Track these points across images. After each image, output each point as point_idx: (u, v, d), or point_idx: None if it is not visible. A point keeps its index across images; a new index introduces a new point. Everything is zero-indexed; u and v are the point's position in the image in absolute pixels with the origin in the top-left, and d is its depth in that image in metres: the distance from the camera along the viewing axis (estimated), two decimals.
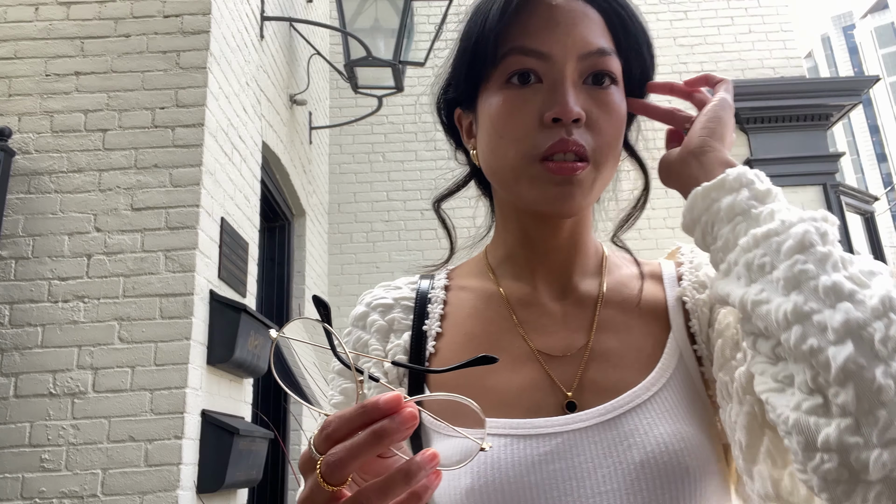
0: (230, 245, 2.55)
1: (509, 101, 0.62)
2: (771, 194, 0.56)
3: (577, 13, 0.63)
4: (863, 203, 5.41)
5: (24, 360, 2.12)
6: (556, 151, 0.60)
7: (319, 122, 4.64)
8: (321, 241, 4.64)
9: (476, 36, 0.64)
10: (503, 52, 0.62)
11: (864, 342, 0.45)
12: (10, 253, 2.22)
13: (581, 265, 0.71)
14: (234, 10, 2.80)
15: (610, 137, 0.63)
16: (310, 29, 4.23)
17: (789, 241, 0.51)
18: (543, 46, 0.61)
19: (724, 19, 5.41)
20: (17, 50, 2.41)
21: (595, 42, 0.62)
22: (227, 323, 2.32)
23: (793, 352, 0.48)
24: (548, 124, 0.61)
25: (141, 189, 2.29)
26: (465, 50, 0.66)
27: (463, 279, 0.75)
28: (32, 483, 2.02)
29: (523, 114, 0.62)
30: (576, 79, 0.62)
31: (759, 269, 0.52)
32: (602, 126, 0.62)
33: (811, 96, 5.08)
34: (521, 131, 0.62)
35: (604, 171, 0.64)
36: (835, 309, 0.46)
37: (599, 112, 0.62)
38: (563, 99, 0.60)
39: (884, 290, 0.47)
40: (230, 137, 2.65)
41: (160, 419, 2.08)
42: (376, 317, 0.71)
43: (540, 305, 0.69)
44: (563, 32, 0.62)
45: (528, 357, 0.65)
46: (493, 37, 0.62)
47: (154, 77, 2.40)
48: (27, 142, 2.32)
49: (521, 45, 0.62)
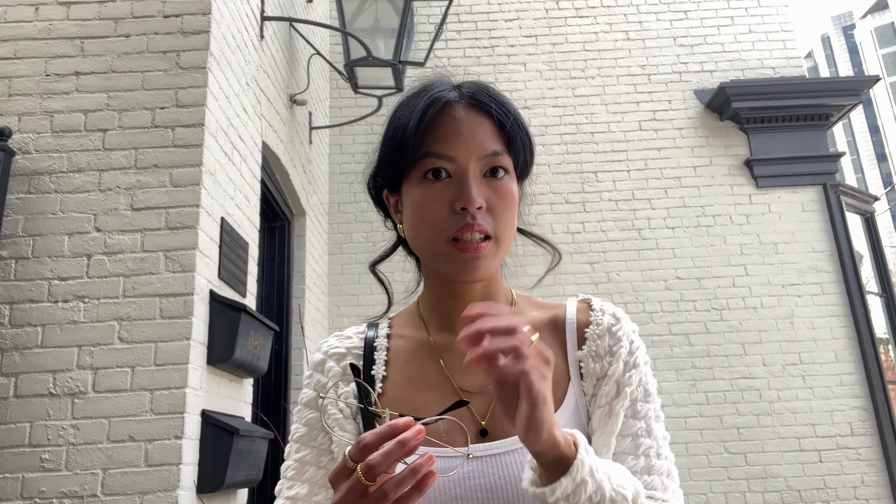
0: (230, 245, 2.55)
1: (426, 193, 0.79)
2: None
3: (475, 123, 0.80)
4: (863, 203, 5.41)
5: (24, 360, 2.12)
6: (464, 232, 0.76)
7: (319, 122, 4.64)
8: (321, 241, 4.64)
9: (398, 142, 0.80)
10: (419, 155, 0.79)
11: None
12: (10, 253, 2.22)
13: None
14: (234, 10, 2.80)
15: (507, 218, 0.79)
16: (310, 29, 4.23)
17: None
18: (451, 151, 0.78)
19: (724, 19, 5.40)
20: (17, 50, 2.41)
21: (490, 146, 0.79)
22: (227, 323, 2.32)
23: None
24: (457, 211, 0.77)
25: (141, 189, 2.29)
26: (388, 152, 0.83)
27: (401, 328, 0.91)
28: (32, 483, 2.02)
29: (438, 203, 0.78)
30: (477, 174, 0.78)
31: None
32: (499, 210, 0.79)
33: (811, 96, 5.08)
34: (437, 217, 0.78)
35: (503, 244, 0.80)
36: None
37: (497, 199, 0.79)
38: (469, 193, 0.76)
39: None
40: (230, 137, 2.65)
41: (160, 419, 2.08)
42: (332, 364, 0.87)
43: (460, 351, 0.78)
44: (465, 139, 0.78)
45: (453, 394, 0.81)
46: (411, 144, 0.78)
47: (154, 77, 2.40)
48: (27, 142, 2.32)
49: (434, 150, 0.78)
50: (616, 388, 0.79)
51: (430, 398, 0.80)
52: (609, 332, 0.83)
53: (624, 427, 0.79)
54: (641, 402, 0.81)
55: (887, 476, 4.47)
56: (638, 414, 0.80)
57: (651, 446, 0.79)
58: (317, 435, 0.84)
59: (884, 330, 5.33)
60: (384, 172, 0.86)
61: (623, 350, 0.81)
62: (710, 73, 5.26)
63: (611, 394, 0.79)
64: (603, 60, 5.29)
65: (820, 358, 4.66)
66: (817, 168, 5.05)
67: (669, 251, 4.86)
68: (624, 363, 0.80)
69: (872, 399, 4.58)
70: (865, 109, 65.99)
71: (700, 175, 5.04)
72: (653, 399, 0.82)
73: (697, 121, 5.16)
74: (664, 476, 0.78)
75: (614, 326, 0.83)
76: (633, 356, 0.82)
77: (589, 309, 0.86)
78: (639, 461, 0.77)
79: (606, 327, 0.83)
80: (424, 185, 0.79)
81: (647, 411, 0.80)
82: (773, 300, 4.76)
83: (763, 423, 4.53)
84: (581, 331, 0.84)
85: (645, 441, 0.79)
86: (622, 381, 0.79)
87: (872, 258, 5.42)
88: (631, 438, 0.79)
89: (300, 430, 0.85)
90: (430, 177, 0.78)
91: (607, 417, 0.78)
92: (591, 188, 5.01)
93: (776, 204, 4.97)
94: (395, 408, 0.79)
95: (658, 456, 0.79)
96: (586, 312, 0.86)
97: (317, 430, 0.84)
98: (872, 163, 66.73)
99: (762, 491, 4.41)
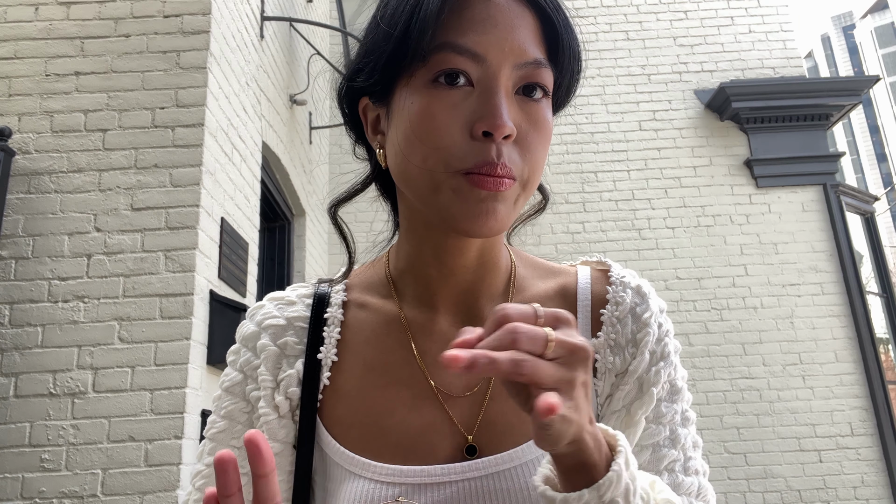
0: (230, 245, 2.55)
1: (435, 103, 0.55)
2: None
3: (517, 15, 0.57)
4: (863, 203, 5.41)
5: (24, 360, 2.12)
6: (482, 168, 0.54)
7: (319, 122, 4.64)
8: (321, 241, 4.64)
9: (405, 23, 0.55)
10: (435, 45, 0.55)
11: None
12: (10, 253, 2.22)
13: (488, 285, 0.65)
14: (234, 10, 2.80)
15: (538, 156, 0.58)
16: (310, 29, 4.23)
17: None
18: (479, 47, 0.55)
19: (724, 19, 5.40)
20: (17, 50, 2.41)
21: (533, 51, 0.57)
22: (227, 323, 2.32)
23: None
24: (477, 136, 0.54)
25: (141, 189, 2.29)
26: (387, 36, 0.57)
27: (363, 293, 0.69)
28: (32, 483, 2.02)
29: (450, 119, 0.55)
30: (509, 88, 0.56)
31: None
32: (531, 143, 0.57)
33: (811, 96, 5.08)
34: (446, 139, 0.55)
35: (528, 190, 0.59)
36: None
37: (529, 127, 0.57)
38: (497, 111, 0.54)
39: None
40: (230, 137, 2.65)
41: (160, 419, 2.08)
42: (267, 340, 0.66)
43: (441, 333, 0.63)
44: (502, 35, 0.55)
45: (427, 395, 0.61)
46: (426, 27, 0.54)
47: (154, 77, 2.40)
48: (27, 142, 2.32)
49: (455, 41, 0.55)
50: (638, 388, 0.61)
51: (396, 397, 0.61)
52: (633, 315, 0.64)
53: (644, 435, 0.61)
54: (667, 402, 0.63)
55: (887, 476, 4.47)
56: (662, 418, 0.62)
57: (677, 459, 0.61)
58: (240, 431, 0.65)
59: (884, 330, 5.34)
60: (370, 70, 0.60)
61: (650, 338, 0.62)
62: (710, 73, 5.26)
63: (631, 394, 0.61)
64: (603, 60, 5.29)
65: (820, 358, 4.66)
66: (817, 168, 5.06)
67: (669, 251, 4.86)
68: (650, 355, 0.62)
69: (872, 399, 4.58)
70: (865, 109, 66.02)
71: (700, 175, 5.04)
72: (681, 397, 0.64)
73: (697, 121, 5.16)
74: (693, 496, 0.60)
75: (639, 307, 0.64)
76: (662, 345, 0.63)
77: (606, 280, 0.67)
78: (661, 478, 0.59)
79: (629, 308, 0.64)
80: (433, 90, 0.55)
81: (672, 414, 0.62)
82: (773, 300, 4.76)
83: (763, 423, 4.53)
84: (596, 311, 0.65)
85: (669, 453, 0.61)
86: (646, 379, 0.61)
87: (872, 258, 5.42)
88: (651, 450, 0.61)
89: (218, 423, 0.65)
90: (443, 81, 0.55)
91: (625, 424, 0.60)
92: (591, 188, 5.01)
93: (776, 204, 4.98)
94: (349, 405, 0.62)
95: (685, 471, 0.61)
96: (603, 284, 0.66)
97: (240, 425, 0.65)
98: (872, 163, 66.77)
99: (762, 491, 4.41)
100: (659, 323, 0.64)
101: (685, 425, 0.63)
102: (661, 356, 0.62)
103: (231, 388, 0.66)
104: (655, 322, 0.64)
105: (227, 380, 0.66)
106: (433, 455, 0.58)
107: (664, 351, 0.63)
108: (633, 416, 0.60)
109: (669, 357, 0.63)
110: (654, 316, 0.64)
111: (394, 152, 0.60)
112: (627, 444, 0.50)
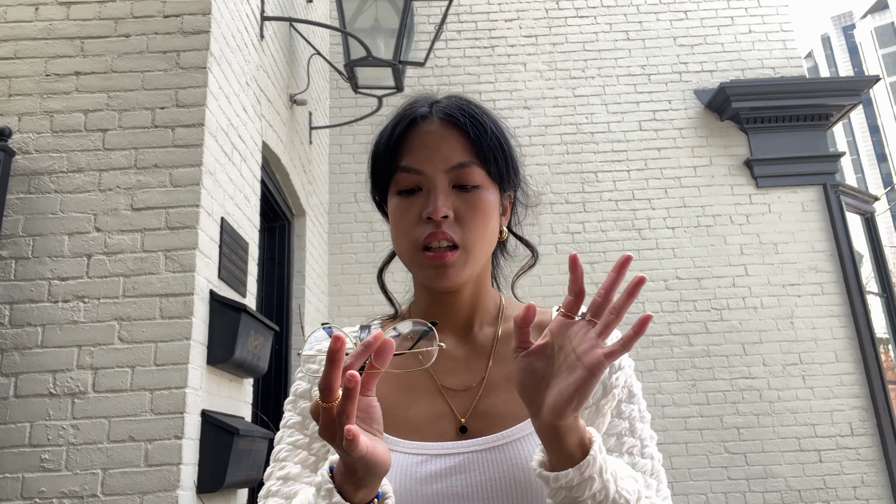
0: (230, 245, 2.55)
1: (400, 205, 0.83)
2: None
3: (443, 136, 0.82)
4: (863, 203, 5.41)
5: (24, 360, 2.12)
6: (430, 241, 0.79)
7: (319, 122, 4.63)
8: (321, 241, 4.64)
9: (375, 160, 0.86)
10: (391, 170, 0.83)
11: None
12: (10, 253, 2.21)
13: (481, 316, 0.89)
14: (234, 10, 2.80)
15: (475, 228, 0.81)
16: (310, 29, 4.23)
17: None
18: (418, 165, 0.81)
19: (724, 19, 5.40)
20: (17, 50, 2.41)
21: (456, 157, 0.81)
22: (227, 323, 2.32)
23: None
24: (424, 221, 0.80)
25: (141, 189, 2.29)
26: (371, 169, 0.88)
27: (391, 329, 0.90)
28: (32, 483, 2.02)
29: (409, 214, 0.82)
30: (446, 185, 0.81)
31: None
32: (468, 220, 0.81)
33: (811, 96, 5.08)
34: (408, 227, 0.82)
35: (473, 253, 0.81)
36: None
37: (466, 208, 0.81)
38: (434, 204, 0.79)
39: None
40: (230, 137, 2.65)
41: (160, 419, 2.08)
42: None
43: (446, 351, 0.85)
44: (432, 152, 0.81)
45: (436, 392, 0.84)
46: (383, 161, 0.84)
47: (154, 77, 2.40)
48: (27, 142, 2.32)
49: (404, 164, 0.82)
50: (602, 389, 0.81)
51: (414, 396, 0.83)
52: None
53: (609, 427, 0.82)
54: (626, 402, 0.83)
55: (887, 476, 4.47)
56: (622, 414, 0.82)
57: (635, 445, 0.81)
58: (310, 423, 0.85)
59: (884, 330, 5.33)
60: (372, 186, 0.91)
61: None
62: (710, 73, 5.26)
63: (597, 394, 0.81)
64: (603, 60, 5.29)
65: (820, 358, 4.66)
66: (817, 168, 5.06)
67: (669, 251, 4.86)
68: (609, 368, 0.81)
69: (872, 399, 4.58)
70: (865, 109, 65.97)
71: (700, 175, 5.04)
72: (637, 400, 0.84)
73: (697, 121, 5.16)
74: (647, 475, 0.80)
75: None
76: (617, 361, 0.83)
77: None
78: (622, 459, 0.79)
79: None
80: (399, 198, 0.83)
81: (630, 411, 0.83)
82: (773, 300, 4.76)
83: (763, 423, 4.53)
84: None
85: (629, 440, 0.81)
86: (608, 383, 0.81)
87: (872, 258, 5.42)
88: (616, 438, 0.81)
89: (293, 417, 0.86)
90: (404, 191, 0.83)
91: (595, 416, 0.80)
92: (591, 188, 5.01)
93: (776, 204, 4.98)
94: (384, 401, 0.81)
95: (642, 455, 0.81)
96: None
97: (310, 420, 0.84)
98: (872, 163, 66.72)
99: (762, 491, 4.41)
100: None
101: (642, 422, 0.84)
102: (618, 367, 0.83)
103: (302, 393, 0.87)
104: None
105: (298, 387, 0.88)
106: (440, 434, 0.80)
107: (619, 363, 0.83)
108: (601, 410, 0.81)
109: (625, 368, 0.84)
110: (610, 339, 0.83)
111: (391, 237, 0.87)
112: (599, 437, 0.70)
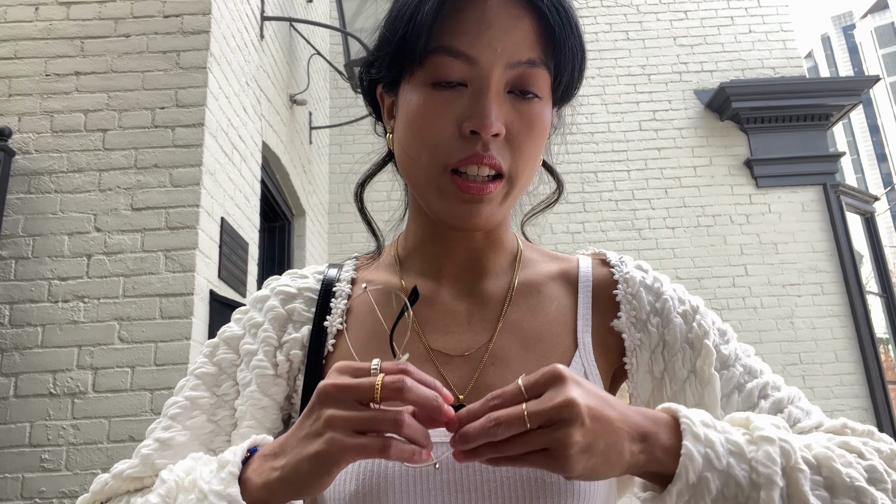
0: (230, 245, 2.55)
1: (429, 103, 0.59)
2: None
3: (512, 16, 0.59)
4: (863, 203, 5.41)
5: (24, 360, 2.12)
6: (469, 164, 0.58)
7: (319, 122, 4.64)
8: (321, 241, 4.64)
9: (404, 27, 0.59)
10: (429, 49, 0.58)
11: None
12: (10, 253, 2.22)
13: (493, 263, 0.69)
14: (234, 10, 2.80)
15: (529, 154, 0.61)
16: (310, 29, 4.23)
17: None
18: (472, 50, 0.58)
19: (724, 19, 5.40)
20: (17, 50, 2.41)
21: (525, 51, 0.59)
22: (227, 322, 2.32)
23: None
24: (465, 134, 0.58)
25: (141, 189, 2.29)
26: (389, 37, 0.62)
27: (370, 272, 0.73)
28: (32, 483, 2.02)
29: (442, 118, 0.58)
30: (500, 88, 0.59)
31: None
32: (522, 142, 0.60)
33: (811, 96, 5.08)
34: (437, 137, 0.59)
35: (517, 186, 0.62)
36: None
37: (521, 126, 0.59)
38: (485, 111, 0.57)
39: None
40: (230, 137, 2.65)
41: None
42: (276, 303, 0.69)
43: (443, 304, 0.67)
44: (494, 37, 0.58)
45: (424, 358, 0.64)
46: (422, 32, 0.58)
47: (154, 77, 2.40)
48: (27, 142, 2.32)
49: (449, 44, 0.58)
50: (691, 348, 0.63)
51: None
52: (644, 287, 0.67)
53: (724, 383, 0.63)
54: (724, 345, 0.65)
55: None
56: (728, 360, 0.64)
57: (765, 383, 0.63)
58: (223, 381, 0.67)
59: (884, 330, 5.33)
60: (381, 63, 0.65)
61: (672, 304, 0.66)
62: (710, 73, 5.26)
63: (689, 357, 0.63)
64: (603, 60, 5.29)
65: (820, 358, 4.66)
66: (817, 168, 5.06)
67: (669, 251, 4.86)
68: (682, 317, 0.65)
69: (872, 399, 4.57)
70: (865, 109, 66.03)
71: (700, 175, 5.04)
72: (731, 336, 0.67)
73: (697, 121, 5.16)
74: (794, 403, 0.62)
75: (647, 278, 0.68)
76: (687, 303, 0.66)
77: (607, 265, 0.71)
78: (760, 405, 0.61)
79: (639, 283, 0.67)
80: (429, 91, 0.59)
81: (734, 351, 0.65)
82: (773, 300, 4.76)
83: None
84: (604, 292, 0.68)
85: (755, 383, 0.63)
86: (695, 337, 0.63)
87: (872, 258, 5.42)
88: (738, 391, 0.62)
89: (206, 366, 0.67)
90: (440, 83, 0.59)
91: (700, 386, 0.62)
92: (591, 188, 5.01)
93: (776, 204, 4.98)
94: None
95: (777, 388, 0.63)
96: (603, 268, 0.70)
97: (226, 376, 0.67)
98: (872, 163, 66.77)
99: None
100: (672, 287, 0.68)
101: (749, 355, 0.65)
102: (693, 312, 0.65)
103: (229, 339, 0.69)
104: (669, 287, 0.68)
105: (227, 331, 0.70)
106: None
107: (692, 307, 0.66)
108: (703, 375, 0.62)
109: (699, 309, 0.66)
110: (664, 283, 0.68)
111: (397, 142, 0.64)
112: (691, 414, 0.51)
